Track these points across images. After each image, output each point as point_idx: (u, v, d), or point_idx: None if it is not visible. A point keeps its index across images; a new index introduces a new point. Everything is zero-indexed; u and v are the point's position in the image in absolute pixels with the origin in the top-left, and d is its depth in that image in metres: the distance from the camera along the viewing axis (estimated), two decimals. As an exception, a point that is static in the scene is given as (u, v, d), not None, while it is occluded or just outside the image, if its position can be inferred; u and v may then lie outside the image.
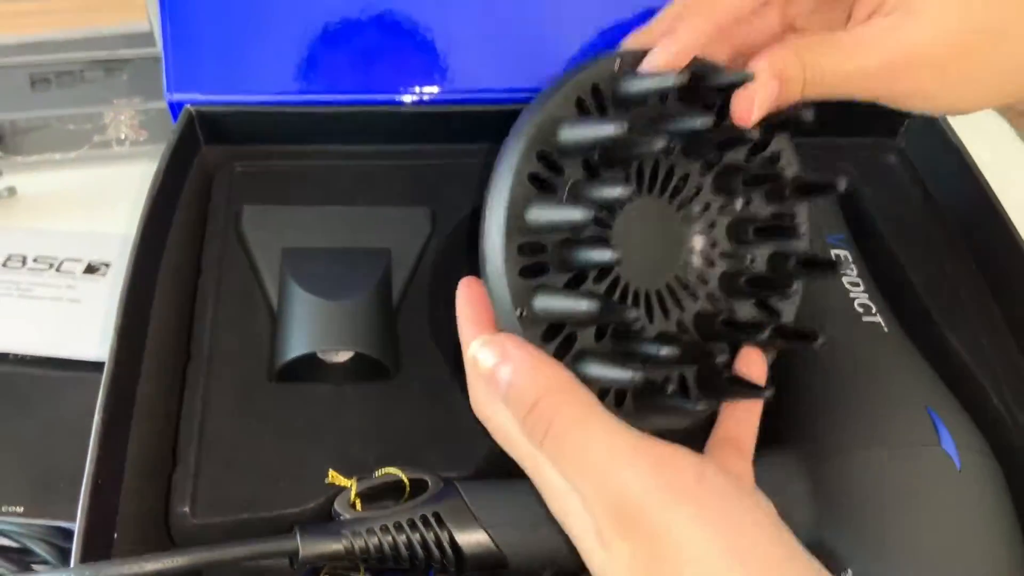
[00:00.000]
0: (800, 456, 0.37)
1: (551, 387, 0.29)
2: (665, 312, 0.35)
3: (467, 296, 0.33)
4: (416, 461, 0.36)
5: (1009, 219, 0.41)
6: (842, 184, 0.32)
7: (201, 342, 0.39)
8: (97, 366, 0.44)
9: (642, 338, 0.33)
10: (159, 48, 0.43)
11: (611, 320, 0.32)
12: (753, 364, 0.35)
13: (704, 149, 0.34)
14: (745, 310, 0.37)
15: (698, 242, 0.36)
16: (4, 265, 0.51)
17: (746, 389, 0.34)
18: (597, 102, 0.32)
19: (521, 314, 0.31)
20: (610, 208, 0.33)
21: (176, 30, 0.43)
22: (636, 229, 0.34)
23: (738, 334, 0.35)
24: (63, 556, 0.39)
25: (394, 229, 0.44)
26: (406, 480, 0.35)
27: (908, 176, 0.49)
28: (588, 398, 0.29)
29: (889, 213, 0.46)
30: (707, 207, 0.35)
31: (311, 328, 0.38)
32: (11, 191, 0.55)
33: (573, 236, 0.32)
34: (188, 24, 0.43)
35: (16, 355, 0.47)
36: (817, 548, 0.35)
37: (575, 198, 0.31)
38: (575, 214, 0.29)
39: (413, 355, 0.40)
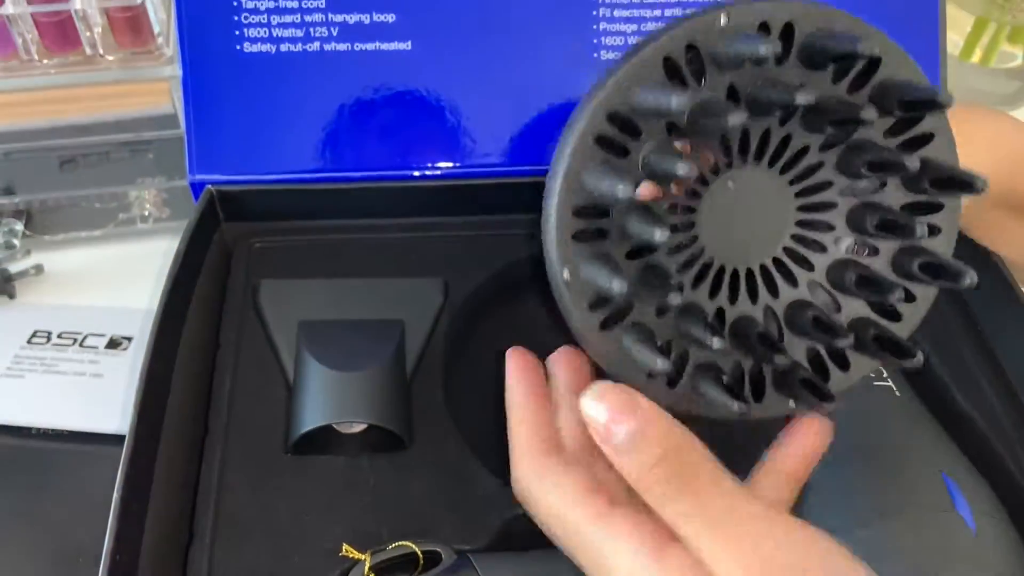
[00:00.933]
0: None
1: (682, 444, 0.28)
2: (753, 295, 0.32)
3: (517, 362, 0.34)
4: (430, 533, 0.37)
5: (1015, 281, 0.41)
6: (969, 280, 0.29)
7: (219, 415, 0.40)
8: (119, 439, 0.44)
9: (703, 321, 0.30)
10: (181, 130, 0.45)
11: (649, 301, 0.30)
12: (809, 434, 0.33)
13: (823, 123, 0.30)
14: (853, 308, 0.33)
15: (812, 224, 0.33)
16: (29, 342, 0.53)
17: (814, 394, 0.31)
18: (691, 63, 0.30)
19: (567, 278, 0.30)
20: (693, 178, 0.30)
21: (199, 115, 0.44)
22: (733, 200, 0.31)
23: (829, 334, 0.31)
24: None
25: (407, 300, 0.45)
26: (420, 553, 0.36)
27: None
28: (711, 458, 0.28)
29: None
30: (825, 186, 0.32)
31: (326, 400, 0.39)
32: (38, 269, 0.56)
33: (630, 205, 0.30)
34: (210, 109, 0.44)
35: (41, 429, 0.48)
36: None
37: (648, 165, 0.30)
38: (618, 188, 0.27)
39: (427, 425, 0.41)
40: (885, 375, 0.43)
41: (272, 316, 0.43)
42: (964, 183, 0.30)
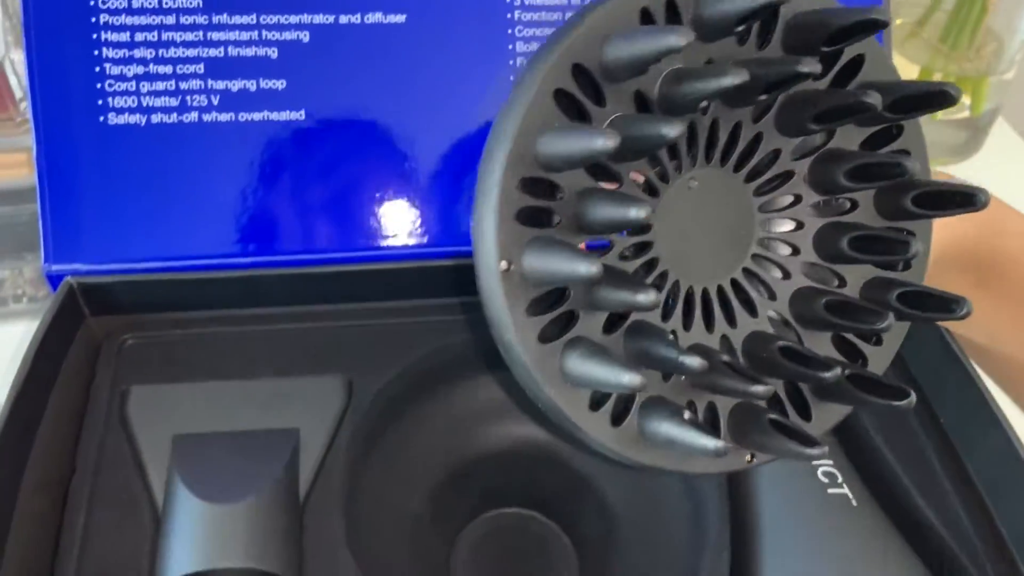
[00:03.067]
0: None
1: None
2: (709, 322, 0.28)
3: None
4: None
5: (980, 381, 0.37)
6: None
7: (68, 562, 0.33)
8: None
9: (664, 341, 0.25)
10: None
11: (619, 302, 0.25)
12: None
13: (797, 123, 0.26)
14: (818, 345, 0.29)
15: (775, 245, 0.28)
16: None
17: (791, 440, 0.26)
18: (671, 19, 0.25)
19: (507, 268, 0.24)
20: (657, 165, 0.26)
21: (55, 195, 0.38)
22: (692, 205, 0.27)
23: (796, 369, 0.26)
24: None
25: (303, 403, 0.39)
26: None
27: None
28: None
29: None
30: (796, 201, 0.28)
31: (201, 541, 0.33)
32: None
33: (590, 185, 0.25)
34: (68, 188, 0.38)
35: None
36: None
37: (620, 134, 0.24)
38: (596, 140, 0.22)
39: (320, 559, 0.35)
40: (840, 480, 0.38)
41: (141, 430, 0.37)
42: (965, 198, 0.26)
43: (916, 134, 0.29)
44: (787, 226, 0.28)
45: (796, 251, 0.28)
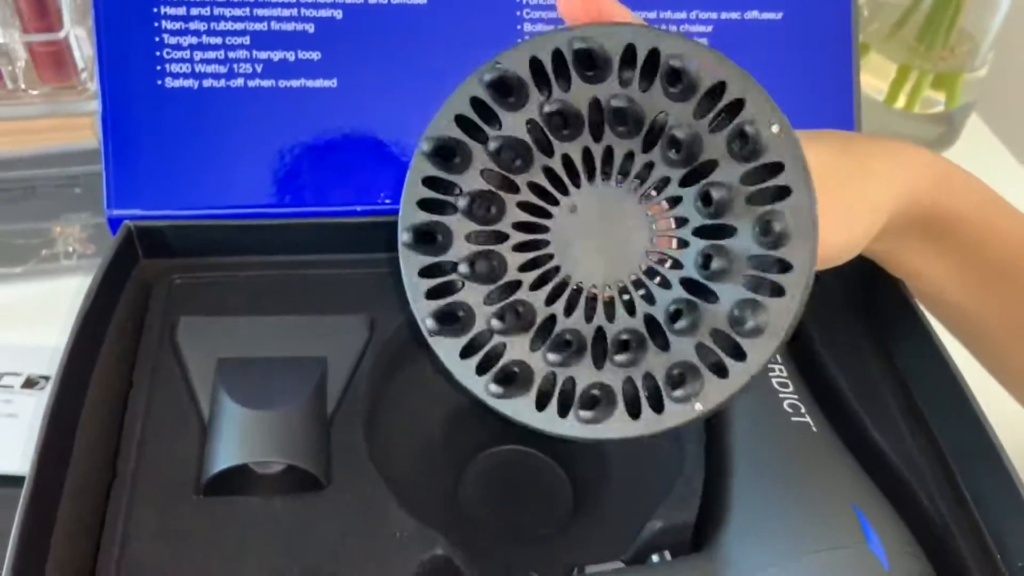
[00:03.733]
0: (730, 566, 0.37)
1: None
2: (589, 316, 0.32)
3: None
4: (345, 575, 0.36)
5: (927, 321, 0.42)
6: None
7: (128, 458, 0.39)
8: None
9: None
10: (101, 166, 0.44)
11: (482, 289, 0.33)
12: None
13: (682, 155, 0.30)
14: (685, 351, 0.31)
15: (663, 259, 0.32)
16: (-57, 381, 0.51)
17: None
18: (556, 66, 0.31)
19: (405, 241, 0.33)
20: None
21: (117, 149, 0.44)
22: (591, 217, 0.32)
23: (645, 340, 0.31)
24: None
25: (331, 337, 0.44)
26: (332, 597, 0.35)
27: (840, 286, 0.49)
28: None
29: (818, 317, 0.47)
30: (683, 222, 0.31)
31: (242, 439, 0.38)
32: (-46, 306, 0.55)
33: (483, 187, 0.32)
34: (129, 143, 0.44)
35: (-52, 472, 0.46)
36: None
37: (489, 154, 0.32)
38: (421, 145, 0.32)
39: (345, 466, 0.40)
40: (803, 411, 0.43)
41: (190, 354, 0.42)
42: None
43: (795, 160, 0.30)
44: (674, 244, 0.32)
45: (679, 266, 0.31)
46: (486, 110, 0.32)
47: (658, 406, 0.30)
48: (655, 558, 0.39)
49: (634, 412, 0.31)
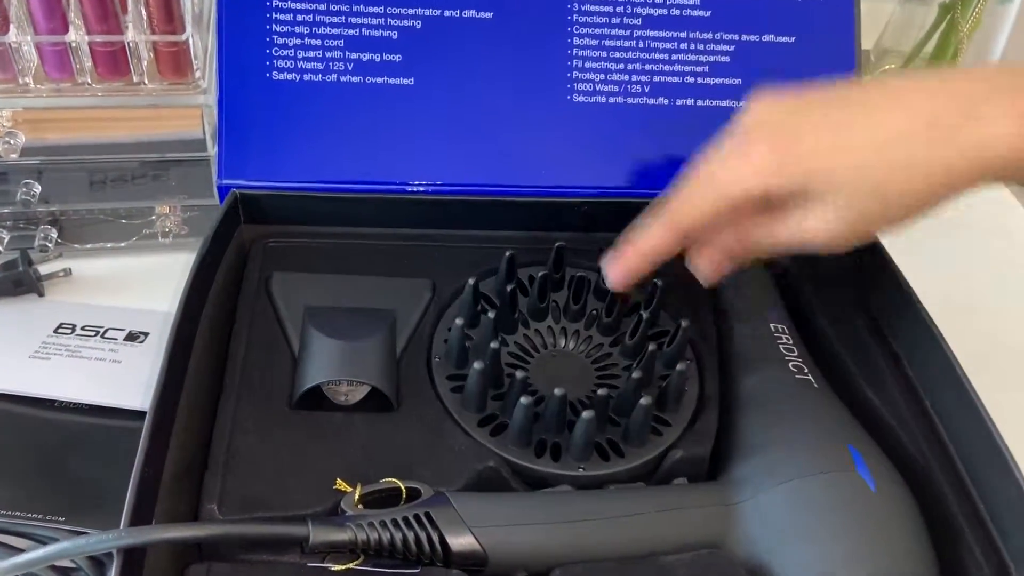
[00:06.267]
0: (739, 487, 0.43)
1: None
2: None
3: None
4: (412, 477, 0.42)
5: (917, 299, 0.49)
6: None
7: (233, 376, 0.46)
8: (134, 414, 0.51)
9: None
10: (206, 153, 0.53)
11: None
12: None
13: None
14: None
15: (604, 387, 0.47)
16: (56, 331, 0.59)
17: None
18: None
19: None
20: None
21: (230, 129, 0.52)
22: (557, 363, 0.50)
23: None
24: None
25: (400, 295, 0.51)
26: (403, 488, 0.41)
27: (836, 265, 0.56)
28: None
29: (817, 292, 0.54)
30: (613, 366, 0.50)
31: (328, 362, 0.46)
32: (67, 272, 0.63)
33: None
34: (239, 125, 0.52)
35: (64, 402, 0.53)
36: (757, 569, 0.41)
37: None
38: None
39: (412, 396, 0.47)
40: (806, 371, 0.49)
41: (282, 301, 0.50)
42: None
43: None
44: (611, 379, 0.49)
45: (615, 388, 0.48)
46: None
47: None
48: (676, 482, 0.45)
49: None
